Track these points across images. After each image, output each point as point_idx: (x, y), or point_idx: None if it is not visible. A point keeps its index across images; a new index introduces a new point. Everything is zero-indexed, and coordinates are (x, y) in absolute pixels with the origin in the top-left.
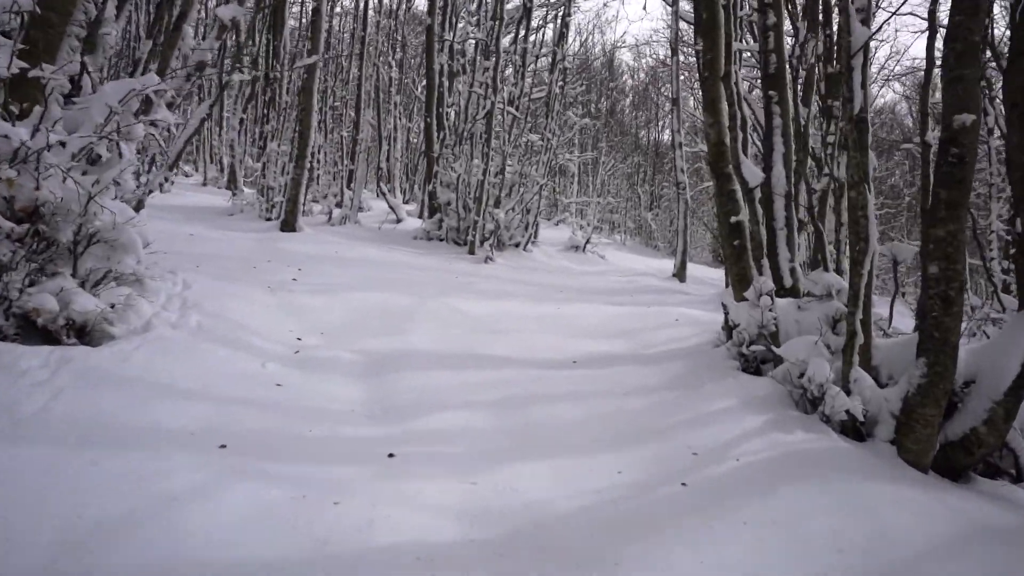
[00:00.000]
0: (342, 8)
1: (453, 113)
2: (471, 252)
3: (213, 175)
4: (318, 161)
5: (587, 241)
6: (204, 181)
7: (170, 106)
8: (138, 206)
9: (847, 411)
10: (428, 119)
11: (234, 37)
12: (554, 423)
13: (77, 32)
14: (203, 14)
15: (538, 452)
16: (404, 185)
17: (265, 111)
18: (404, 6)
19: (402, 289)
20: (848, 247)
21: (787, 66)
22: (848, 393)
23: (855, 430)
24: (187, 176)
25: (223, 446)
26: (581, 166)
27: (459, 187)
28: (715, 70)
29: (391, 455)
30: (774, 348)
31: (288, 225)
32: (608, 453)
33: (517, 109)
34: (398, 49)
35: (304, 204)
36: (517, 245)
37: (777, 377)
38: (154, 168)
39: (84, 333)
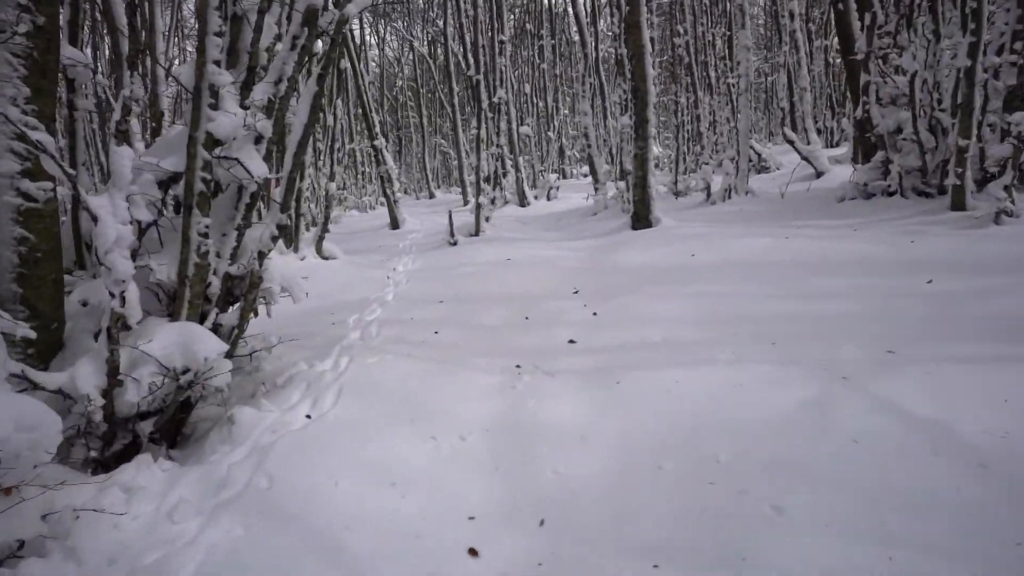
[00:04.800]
0: None
1: None
2: (956, 207)
3: (606, 168)
4: (711, 125)
5: None
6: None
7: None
8: (253, 284)
9: None
10: (839, 3)
11: None
12: None
13: None
14: None
15: None
16: (828, 123)
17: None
18: None
19: (787, 343)
20: None
21: None
22: None
23: None
24: (584, 177)
25: None
26: None
27: (915, 96)
28: None
29: None
30: None
31: (640, 219)
32: None
33: None
34: None
35: (677, 180)
36: None
37: None
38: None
39: None
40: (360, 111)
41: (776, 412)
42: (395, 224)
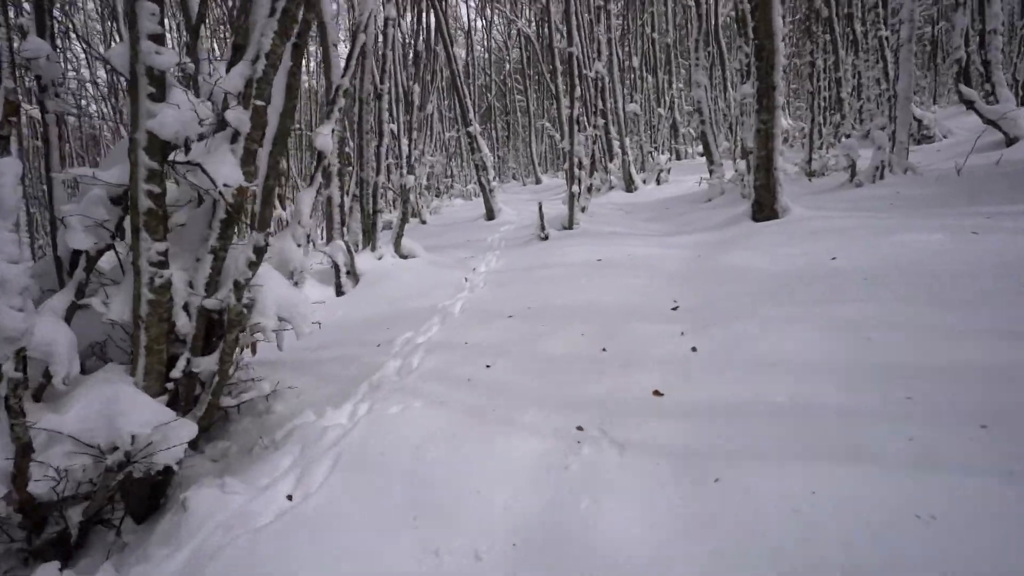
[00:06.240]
0: None
1: None
2: None
3: (725, 146)
4: (854, 89)
5: None
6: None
7: None
8: (232, 323)
9: None
10: None
11: None
12: None
13: None
14: None
15: None
16: (1022, 74)
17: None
18: None
19: (1009, 426)
20: None
21: None
22: None
23: None
24: (699, 156)
25: None
26: None
27: None
28: None
29: None
30: None
31: (763, 208)
32: None
33: None
34: None
35: (812, 158)
36: None
37: None
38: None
39: None
40: (455, 97)
41: None
42: (490, 215)
